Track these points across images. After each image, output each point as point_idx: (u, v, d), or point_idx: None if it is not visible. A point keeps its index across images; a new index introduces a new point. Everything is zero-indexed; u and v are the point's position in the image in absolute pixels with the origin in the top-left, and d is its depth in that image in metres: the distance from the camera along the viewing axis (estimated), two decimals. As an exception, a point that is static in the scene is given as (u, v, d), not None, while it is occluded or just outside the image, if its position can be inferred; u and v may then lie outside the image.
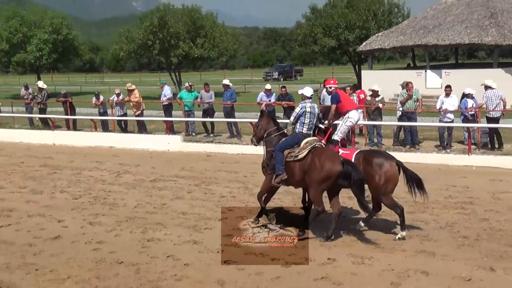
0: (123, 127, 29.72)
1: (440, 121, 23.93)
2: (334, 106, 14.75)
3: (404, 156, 22.44)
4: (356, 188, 12.64)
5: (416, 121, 24.31)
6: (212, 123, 28.46)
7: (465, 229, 13.79)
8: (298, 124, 13.68)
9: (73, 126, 31.00)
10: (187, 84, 30.28)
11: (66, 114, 31.51)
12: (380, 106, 24.81)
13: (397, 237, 13.17)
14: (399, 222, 13.44)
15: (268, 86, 27.92)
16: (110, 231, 14.12)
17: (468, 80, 28.62)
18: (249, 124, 26.41)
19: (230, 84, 29.21)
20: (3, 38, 62.87)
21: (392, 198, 13.23)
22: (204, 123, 28.78)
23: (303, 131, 13.55)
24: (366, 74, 45.92)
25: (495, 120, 23.39)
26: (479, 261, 11.51)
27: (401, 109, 24.45)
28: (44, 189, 18.97)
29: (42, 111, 32.59)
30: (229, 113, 28.15)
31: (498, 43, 40.85)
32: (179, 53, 58.65)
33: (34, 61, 63.08)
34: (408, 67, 49.22)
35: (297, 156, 13.06)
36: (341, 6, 59.54)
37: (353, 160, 13.20)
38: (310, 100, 13.92)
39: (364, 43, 48.53)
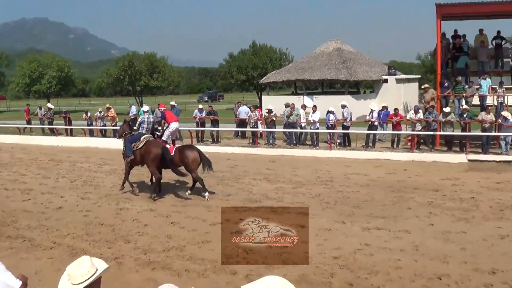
0: (103, 134, 29.33)
1: (311, 128, 24.29)
2: (163, 121, 16.87)
3: (290, 152, 22.94)
4: (171, 166, 14.43)
5: (297, 129, 24.64)
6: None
7: (327, 197, 14.17)
8: (140, 128, 15.32)
9: (70, 133, 30.44)
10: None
11: (66, 125, 31.06)
12: (274, 119, 25.08)
13: (206, 197, 14.27)
14: (201, 187, 14.52)
15: (200, 106, 28.15)
16: (95, 203, 14.07)
17: (330, 103, 29.17)
18: (188, 132, 26.62)
19: (176, 104, 29.30)
20: (26, 75, 62.85)
21: (197, 173, 14.53)
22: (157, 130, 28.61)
23: (143, 132, 15.19)
24: (265, 98, 46.08)
25: (347, 127, 23.96)
26: (336, 218, 11.91)
27: (286, 120, 24.77)
28: (51, 175, 18.66)
29: (50, 123, 32.16)
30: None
31: (348, 79, 41.85)
32: (141, 84, 59.54)
33: (46, 90, 62.85)
34: (292, 94, 49.67)
35: (138, 146, 14.78)
36: (249, 53, 60.43)
37: (173, 152, 14.71)
38: (148, 113, 15.87)
39: (263, 78, 48.78)
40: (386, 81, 42.46)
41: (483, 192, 14.76)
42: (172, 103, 29.20)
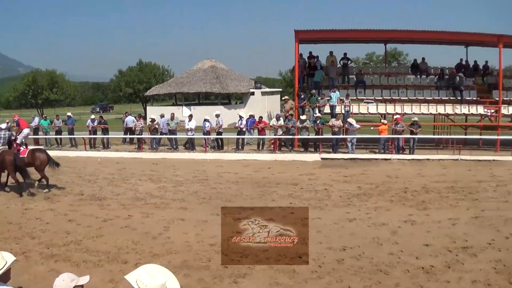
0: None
1: (188, 134, 24.11)
2: (17, 128, 17.73)
3: (171, 155, 22.65)
4: (22, 170, 14.34)
5: (176, 135, 24.43)
6: (60, 138, 26.91)
7: (203, 193, 14.11)
8: None
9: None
10: (44, 115, 29.45)
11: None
12: (156, 127, 24.65)
13: (45, 191, 14.40)
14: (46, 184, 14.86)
15: (92, 116, 26.96)
16: (4, 205, 13.17)
17: (206, 112, 29.15)
18: (82, 139, 25.61)
19: (71, 115, 28.18)
20: None
21: (44, 172, 14.94)
22: (55, 139, 27.08)
23: (0, 146, 14.78)
24: (149, 109, 45.33)
25: (220, 133, 24.04)
26: (212, 211, 11.84)
27: (166, 129, 24.48)
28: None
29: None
30: (70, 132, 26.90)
31: (221, 92, 42.29)
32: (43, 97, 59.24)
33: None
34: (173, 105, 49.09)
35: None
36: (136, 70, 60.28)
37: (26, 154, 14.92)
38: (5, 130, 15.14)
39: (148, 91, 48.06)
40: (253, 93, 43.24)
41: (334, 184, 15.43)
42: (69, 114, 28.46)
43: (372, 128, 24.28)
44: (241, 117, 24.21)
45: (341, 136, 22.00)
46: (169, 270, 3.63)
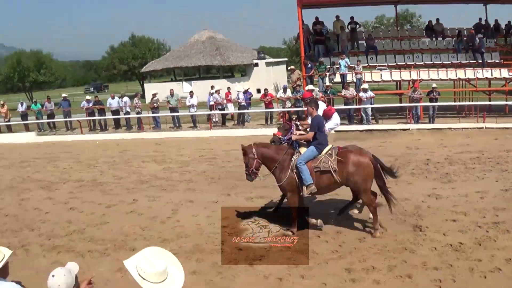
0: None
1: (190, 111, 24.03)
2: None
3: (174, 134, 22.63)
4: None
5: (178, 112, 24.33)
6: (54, 122, 26.58)
7: (212, 173, 14.15)
8: None
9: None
10: (34, 99, 30.16)
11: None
12: (155, 105, 24.46)
13: None
14: None
15: (87, 97, 26.59)
16: (-1, 196, 13.20)
17: (207, 87, 28.97)
18: (77, 122, 25.61)
19: (66, 95, 28.11)
20: None
21: None
22: (48, 123, 26.83)
23: None
24: (147, 86, 45.28)
25: (223, 109, 23.93)
26: (221, 191, 11.90)
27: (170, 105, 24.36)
28: None
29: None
30: (67, 115, 26.50)
31: (222, 64, 42.37)
32: (30, 80, 57.09)
33: None
34: (172, 80, 48.99)
35: None
36: (128, 45, 59.76)
37: None
38: None
39: (144, 67, 48.04)
40: (257, 65, 43.12)
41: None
42: (64, 95, 28.19)
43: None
44: (238, 91, 24.30)
45: (355, 106, 21.82)
46: (181, 255, 3.65)
